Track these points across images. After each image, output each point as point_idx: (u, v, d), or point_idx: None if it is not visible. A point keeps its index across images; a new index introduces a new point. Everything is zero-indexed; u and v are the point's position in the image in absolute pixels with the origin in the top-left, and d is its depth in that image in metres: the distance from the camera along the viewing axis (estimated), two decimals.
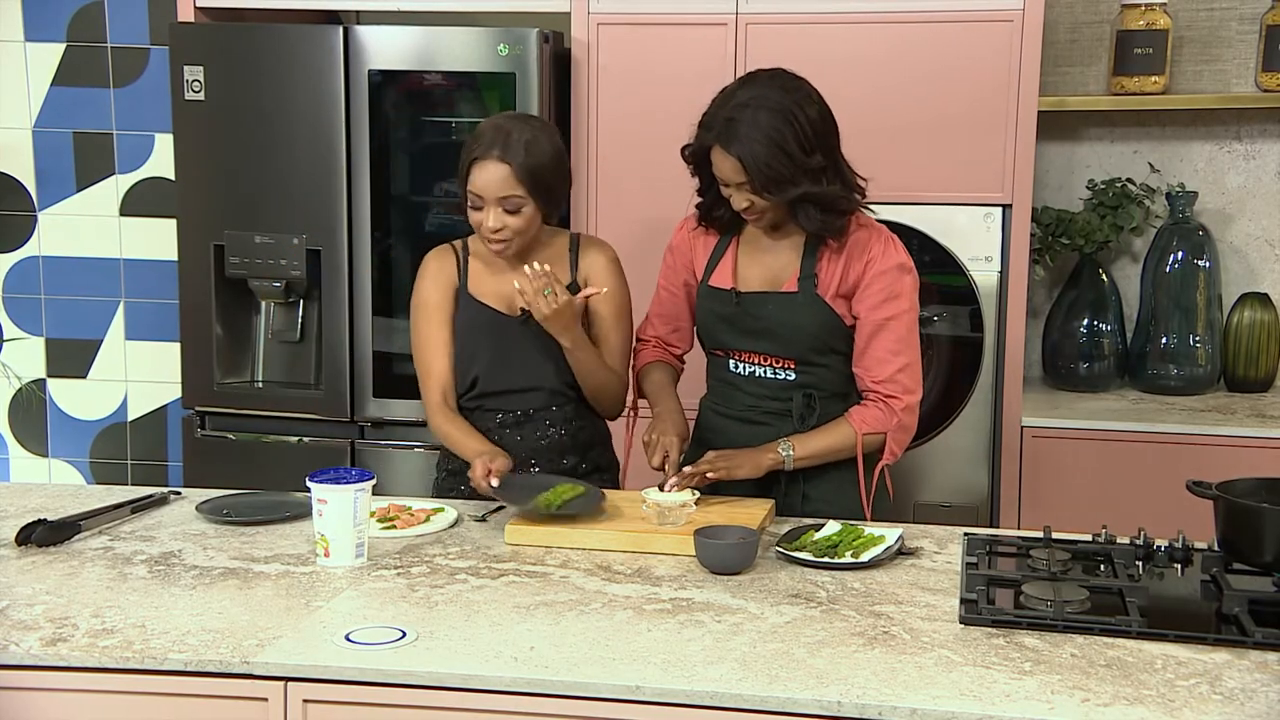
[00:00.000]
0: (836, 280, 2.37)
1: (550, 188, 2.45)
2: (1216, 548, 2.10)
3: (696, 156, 2.37)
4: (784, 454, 2.34)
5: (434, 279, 2.56)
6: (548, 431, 2.53)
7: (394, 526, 2.29)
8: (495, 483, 2.28)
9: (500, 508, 2.44)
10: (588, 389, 2.52)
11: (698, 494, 2.30)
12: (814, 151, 2.27)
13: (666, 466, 2.36)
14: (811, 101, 2.30)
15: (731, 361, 2.46)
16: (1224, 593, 1.95)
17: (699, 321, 2.50)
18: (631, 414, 2.62)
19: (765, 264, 2.43)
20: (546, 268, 2.37)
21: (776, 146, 2.24)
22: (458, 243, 2.59)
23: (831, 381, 2.42)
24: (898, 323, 2.36)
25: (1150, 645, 1.81)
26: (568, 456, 2.54)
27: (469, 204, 2.45)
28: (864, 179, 2.37)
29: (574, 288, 2.53)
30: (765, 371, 2.43)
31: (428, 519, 2.34)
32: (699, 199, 2.46)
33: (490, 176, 2.40)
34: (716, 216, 2.45)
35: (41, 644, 1.81)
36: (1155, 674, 1.72)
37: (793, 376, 2.41)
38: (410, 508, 2.38)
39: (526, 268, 2.39)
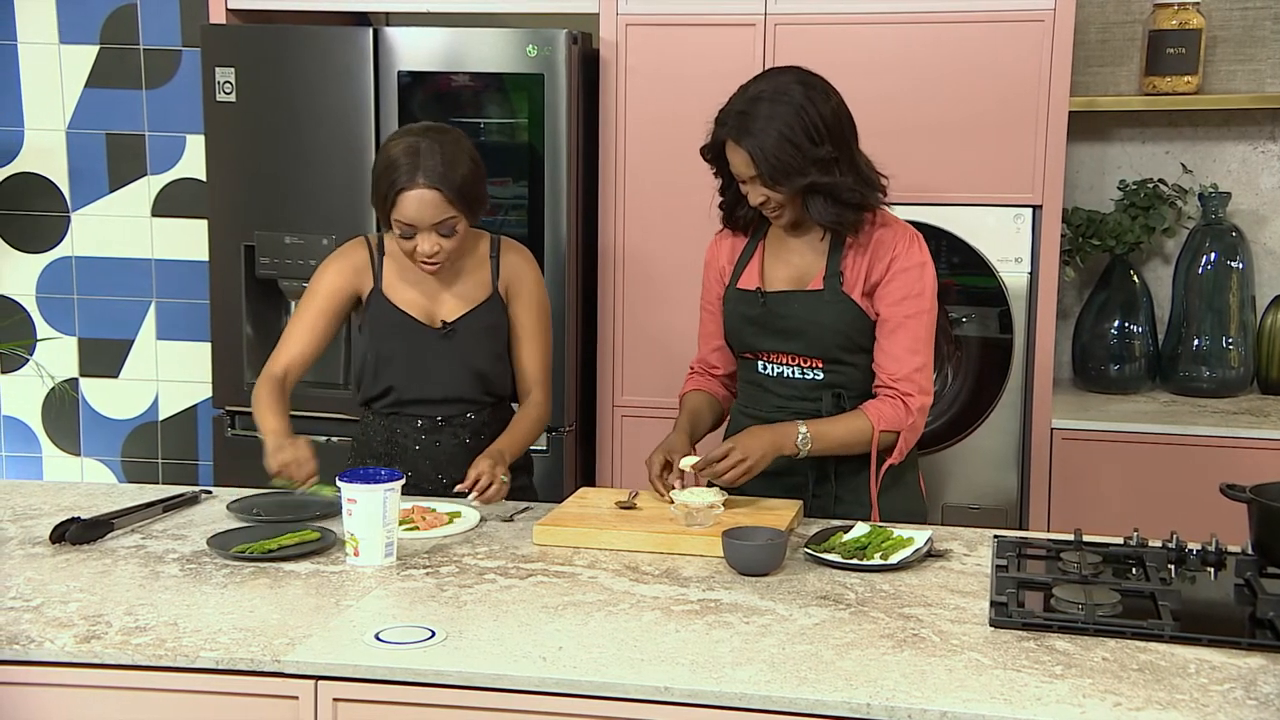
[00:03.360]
0: (862, 277, 2.36)
1: (477, 197, 2.45)
2: (1250, 551, 2.09)
3: (713, 153, 2.37)
4: (801, 445, 2.32)
5: (338, 270, 2.55)
6: (464, 436, 2.54)
7: (415, 528, 2.29)
8: (303, 489, 2.27)
9: (527, 508, 2.45)
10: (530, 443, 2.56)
11: (725, 494, 2.30)
12: (823, 142, 2.27)
13: (666, 478, 2.36)
14: (825, 96, 2.30)
15: (760, 363, 2.46)
16: (1258, 597, 1.93)
17: (727, 325, 2.49)
18: None
19: (791, 264, 2.43)
20: (495, 486, 2.35)
21: (784, 138, 2.25)
22: (372, 237, 2.58)
23: (860, 381, 2.41)
24: (917, 322, 2.36)
25: (1183, 650, 1.79)
26: None
27: (398, 233, 2.43)
28: (885, 176, 2.36)
29: (496, 298, 2.54)
30: (793, 372, 2.42)
31: (450, 521, 2.34)
32: (720, 198, 2.46)
33: (422, 205, 2.37)
34: (739, 215, 2.45)
35: (75, 641, 1.83)
36: (1188, 679, 1.70)
37: (821, 376, 2.40)
38: (434, 509, 2.38)
39: (477, 496, 2.35)
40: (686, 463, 2.34)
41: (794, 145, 2.25)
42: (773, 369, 2.44)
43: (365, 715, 1.78)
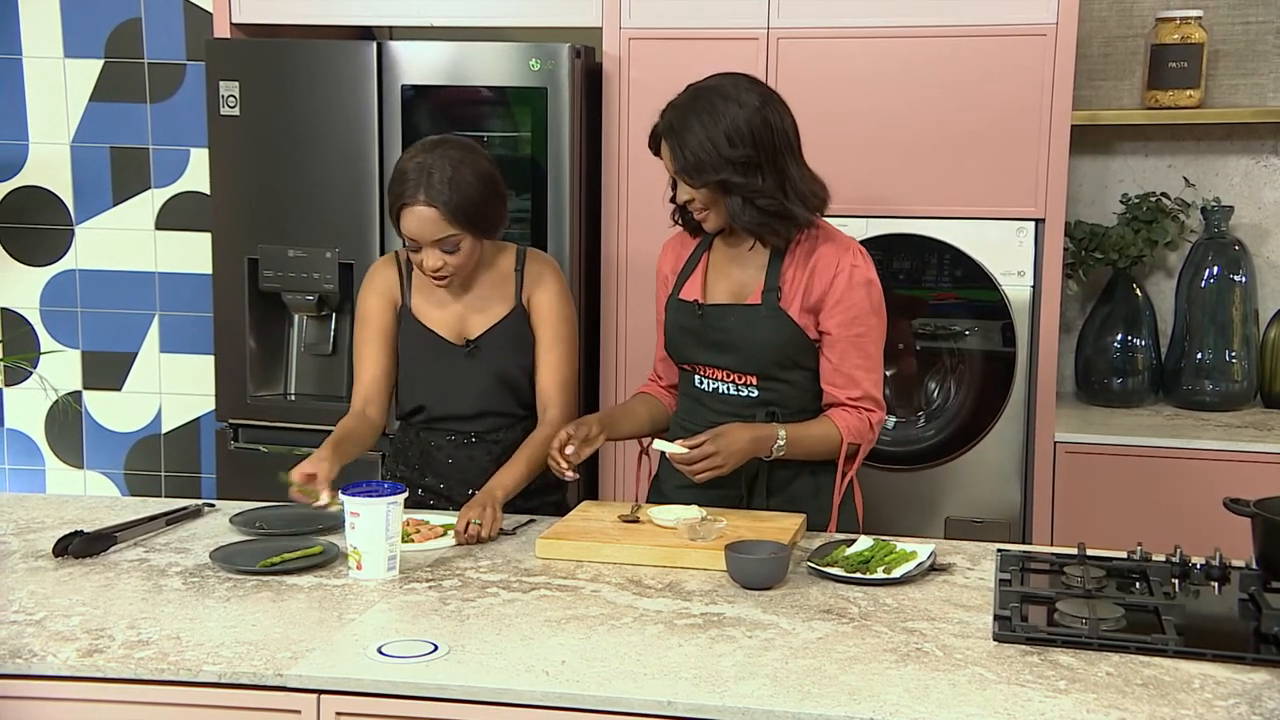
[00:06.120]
0: (801, 293, 2.35)
1: (484, 217, 2.44)
2: (1254, 565, 2.08)
3: (654, 145, 2.37)
4: (776, 451, 2.32)
5: (376, 292, 2.58)
6: (496, 452, 2.54)
7: (411, 540, 2.29)
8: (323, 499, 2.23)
9: (531, 520, 2.45)
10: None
11: (704, 512, 2.30)
12: (741, 145, 2.26)
13: (568, 451, 2.32)
14: (756, 103, 2.29)
15: (697, 377, 2.46)
16: (1263, 611, 1.92)
17: (666, 335, 2.50)
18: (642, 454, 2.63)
19: (733, 278, 2.43)
20: (477, 532, 2.29)
21: (704, 135, 2.26)
22: (402, 253, 2.58)
23: (795, 398, 2.39)
24: (867, 339, 2.36)
25: (1187, 664, 1.79)
26: None
27: (406, 245, 2.45)
28: (822, 189, 2.35)
29: (520, 311, 2.54)
30: (728, 388, 2.41)
31: (444, 533, 2.34)
32: (671, 192, 2.42)
33: (420, 222, 2.39)
34: (687, 219, 2.45)
35: (78, 655, 1.83)
36: (1193, 694, 1.70)
37: (755, 394, 2.39)
38: (428, 521, 2.38)
39: (458, 532, 2.31)
40: (663, 446, 2.32)
41: (711, 143, 2.26)
42: (708, 384, 2.44)
43: None
